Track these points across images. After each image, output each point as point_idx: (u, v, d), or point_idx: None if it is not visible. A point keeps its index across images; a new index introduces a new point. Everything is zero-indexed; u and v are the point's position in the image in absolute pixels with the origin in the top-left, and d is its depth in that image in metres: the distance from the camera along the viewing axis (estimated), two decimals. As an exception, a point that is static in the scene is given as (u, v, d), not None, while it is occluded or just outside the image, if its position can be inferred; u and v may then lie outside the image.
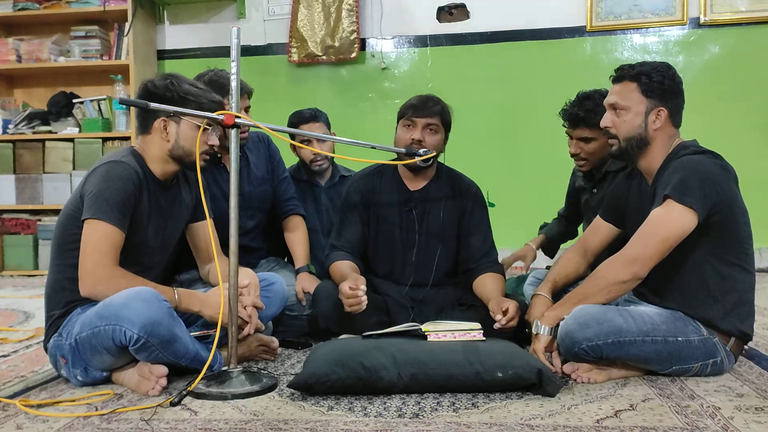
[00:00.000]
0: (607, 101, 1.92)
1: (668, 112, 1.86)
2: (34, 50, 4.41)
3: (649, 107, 1.85)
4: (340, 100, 4.30)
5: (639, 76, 1.86)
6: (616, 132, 1.89)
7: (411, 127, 2.19)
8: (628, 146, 1.88)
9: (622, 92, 1.88)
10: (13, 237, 4.42)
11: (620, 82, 1.90)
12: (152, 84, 1.87)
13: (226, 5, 4.49)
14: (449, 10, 4.31)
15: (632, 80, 1.87)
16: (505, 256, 2.65)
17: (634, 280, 1.79)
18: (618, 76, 1.91)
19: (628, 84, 1.87)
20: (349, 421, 1.52)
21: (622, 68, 1.91)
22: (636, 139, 1.86)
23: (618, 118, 1.88)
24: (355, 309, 2.00)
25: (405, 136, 2.19)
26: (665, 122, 1.86)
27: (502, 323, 1.93)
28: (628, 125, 1.86)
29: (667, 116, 1.86)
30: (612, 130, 1.89)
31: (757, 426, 1.46)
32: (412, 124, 2.19)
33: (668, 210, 1.74)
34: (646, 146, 1.87)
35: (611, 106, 1.90)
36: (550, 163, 3.86)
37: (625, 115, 1.87)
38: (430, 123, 2.19)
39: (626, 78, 1.88)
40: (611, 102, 1.90)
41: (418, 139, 2.17)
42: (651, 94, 1.85)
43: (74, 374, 1.79)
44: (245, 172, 2.47)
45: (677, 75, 1.89)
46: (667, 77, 1.85)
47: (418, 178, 2.30)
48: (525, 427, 1.48)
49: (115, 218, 1.77)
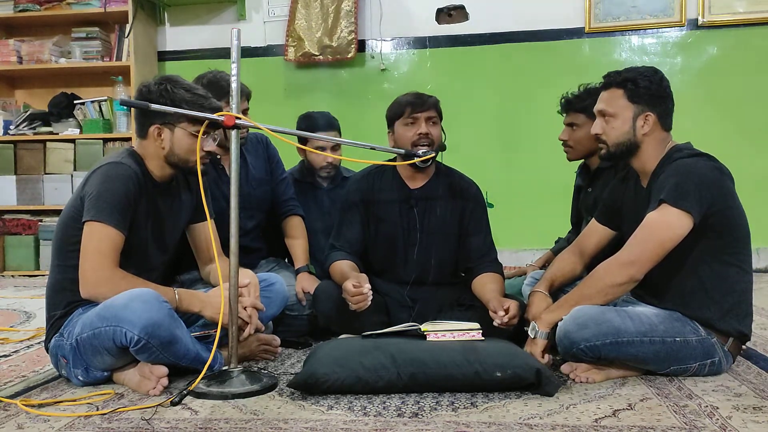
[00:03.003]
0: (596, 108, 1.93)
1: (656, 116, 1.87)
2: (35, 51, 4.42)
3: (636, 112, 1.86)
4: (339, 102, 4.30)
5: (625, 83, 1.87)
6: (606, 138, 1.90)
7: (414, 124, 2.20)
8: (616, 151, 1.90)
9: (610, 99, 1.89)
10: (14, 237, 4.43)
11: (607, 89, 1.91)
12: (147, 89, 1.87)
13: (227, 7, 4.50)
14: (448, 12, 4.32)
15: (618, 87, 1.88)
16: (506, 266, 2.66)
17: (630, 283, 1.80)
18: (605, 83, 1.93)
19: (614, 91, 1.89)
20: (348, 421, 1.53)
21: (609, 75, 1.92)
22: (625, 144, 1.88)
23: (607, 124, 1.89)
24: (360, 306, 2.00)
25: (409, 134, 2.20)
26: (654, 126, 1.87)
27: (504, 320, 1.93)
28: (617, 131, 1.88)
29: (656, 120, 1.87)
30: (602, 137, 1.91)
31: (755, 425, 1.46)
32: (414, 121, 2.20)
33: (664, 214, 1.75)
34: (635, 151, 1.88)
35: (600, 113, 1.92)
36: (549, 164, 3.88)
37: (614, 121, 1.88)
38: (430, 116, 2.22)
39: (613, 85, 1.89)
40: (599, 109, 1.91)
41: (425, 132, 2.19)
42: (638, 99, 1.86)
43: (75, 374, 1.80)
44: (243, 173, 2.48)
45: (665, 79, 1.90)
46: (653, 82, 1.86)
47: (419, 177, 2.31)
48: (524, 426, 1.48)
49: (116, 220, 1.78)
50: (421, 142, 2.19)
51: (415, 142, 2.19)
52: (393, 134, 2.27)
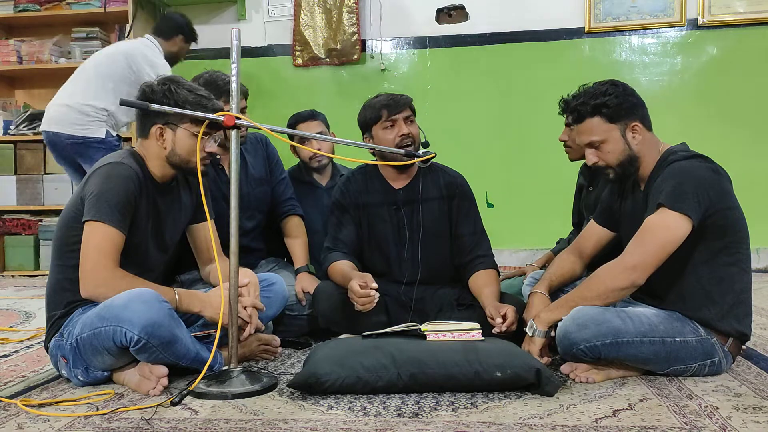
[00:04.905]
0: (582, 142, 1.92)
1: (640, 122, 1.87)
2: (35, 51, 4.43)
3: (622, 129, 1.87)
4: (339, 101, 4.31)
5: (597, 109, 1.86)
6: (606, 163, 1.90)
7: (393, 126, 2.21)
8: (622, 170, 1.89)
9: (591, 129, 1.88)
10: (14, 237, 4.44)
11: (582, 122, 1.90)
12: (150, 89, 1.87)
13: (227, 7, 4.50)
14: (448, 12, 4.32)
15: (592, 115, 1.87)
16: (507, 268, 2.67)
17: (632, 287, 1.80)
18: (576, 117, 1.91)
19: (590, 120, 1.88)
20: (348, 421, 1.53)
21: (576, 109, 1.90)
22: (627, 160, 1.88)
23: (601, 151, 1.89)
24: (366, 308, 1.99)
25: (390, 136, 2.21)
26: (642, 132, 1.88)
27: (502, 328, 1.94)
28: (614, 154, 1.88)
29: (641, 127, 1.88)
30: (600, 164, 1.91)
31: (754, 425, 1.46)
32: (393, 123, 2.21)
33: (663, 217, 1.75)
34: (637, 162, 1.88)
35: (589, 146, 1.91)
36: (549, 164, 3.88)
37: (606, 147, 1.88)
38: (407, 115, 2.23)
39: (586, 116, 1.88)
40: (586, 142, 1.90)
41: (406, 133, 2.20)
42: (616, 118, 1.86)
43: (75, 374, 1.80)
44: (243, 173, 2.48)
45: (627, 86, 1.90)
46: (620, 95, 1.86)
47: (402, 177, 2.31)
48: (524, 426, 1.48)
49: (116, 220, 1.78)
50: (405, 143, 2.19)
51: (398, 144, 2.19)
52: (371, 139, 2.26)
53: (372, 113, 2.24)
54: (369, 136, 2.28)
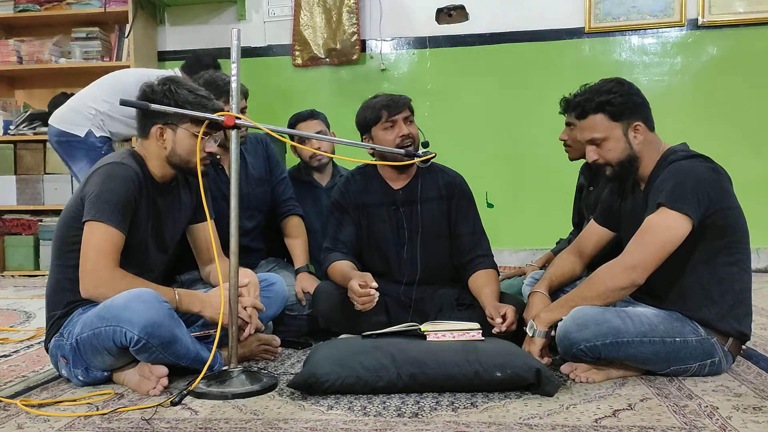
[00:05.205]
0: (583, 139, 1.92)
1: (643, 122, 1.87)
2: (35, 51, 4.43)
3: (624, 128, 1.86)
4: (340, 101, 4.30)
5: (601, 106, 1.86)
6: (606, 161, 1.90)
7: (393, 127, 2.21)
8: (621, 169, 1.89)
9: (594, 126, 1.88)
10: (14, 237, 4.44)
11: (585, 118, 1.90)
12: (150, 89, 1.87)
13: (227, 7, 4.50)
14: (448, 12, 4.32)
15: (596, 112, 1.87)
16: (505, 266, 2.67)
17: (632, 287, 1.80)
18: (580, 112, 1.91)
19: (594, 117, 1.88)
20: (348, 421, 1.53)
21: (580, 104, 1.90)
22: (627, 160, 1.88)
23: (601, 149, 1.89)
24: (366, 307, 2.00)
25: (390, 137, 2.21)
26: (644, 132, 1.87)
27: (502, 328, 1.94)
28: (615, 152, 1.88)
29: (644, 127, 1.87)
30: (600, 161, 1.91)
31: (755, 425, 1.46)
32: (393, 124, 2.21)
33: (663, 217, 1.75)
34: (637, 162, 1.88)
35: (590, 142, 1.90)
36: (549, 164, 3.88)
37: (607, 144, 1.88)
38: (407, 116, 2.23)
39: (589, 112, 1.88)
40: (588, 138, 1.90)
41: (407, 133, 2.20)
42: (620, 116, 1.86)
43: (75, 374, 1.80)
44: (243, 173, 2.48)
45: (633, 85, 1.90)
46: (625, 94, 1.86)
47: (401, 177, 2.31)
48: (524, 426, 1.48)
49: (116, 220, 1.78)
50: (405, 143, 2.20)
51: (398, 144, 2.20)
52: (371, 140, 2.26)
53: (372, 114, 2.24)
54: (368, 136, 2.27)
